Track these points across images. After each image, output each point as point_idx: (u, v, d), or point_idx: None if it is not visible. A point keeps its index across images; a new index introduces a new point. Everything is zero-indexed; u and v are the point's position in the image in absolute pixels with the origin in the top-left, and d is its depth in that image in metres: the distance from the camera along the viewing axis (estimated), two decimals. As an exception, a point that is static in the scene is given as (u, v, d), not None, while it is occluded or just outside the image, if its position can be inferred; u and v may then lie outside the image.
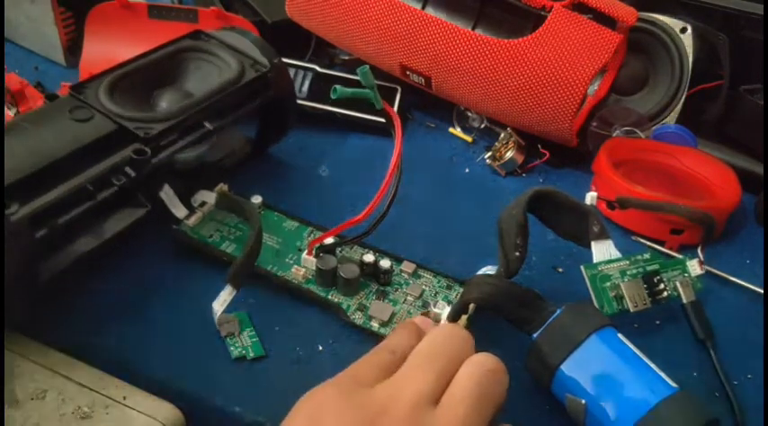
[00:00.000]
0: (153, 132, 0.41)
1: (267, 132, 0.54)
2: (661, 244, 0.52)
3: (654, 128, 0.60)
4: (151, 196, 0.43)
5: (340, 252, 0.46)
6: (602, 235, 0.44)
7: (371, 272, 0.45)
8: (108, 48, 0.61)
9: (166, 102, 0.45)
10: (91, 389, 0.37)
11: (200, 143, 0.45)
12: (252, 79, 0.47)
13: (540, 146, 0.59)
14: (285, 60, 0.51)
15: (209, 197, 0.47)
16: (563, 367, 0.36)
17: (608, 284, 0.43)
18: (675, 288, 0.43)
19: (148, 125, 0.42)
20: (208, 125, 0.44)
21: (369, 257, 0.44)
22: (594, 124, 0.58)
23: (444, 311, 0.41)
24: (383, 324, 0.42)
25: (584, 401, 0.35)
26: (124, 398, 0.37)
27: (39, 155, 0.38)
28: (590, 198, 0.48)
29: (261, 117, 0.53)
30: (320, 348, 0.41)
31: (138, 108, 0.44)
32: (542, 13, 0.54)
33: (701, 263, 0.45)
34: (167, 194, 0.44)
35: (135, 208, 0.42)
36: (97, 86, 0.43)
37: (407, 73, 0.59)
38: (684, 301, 0.43)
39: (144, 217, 0.43)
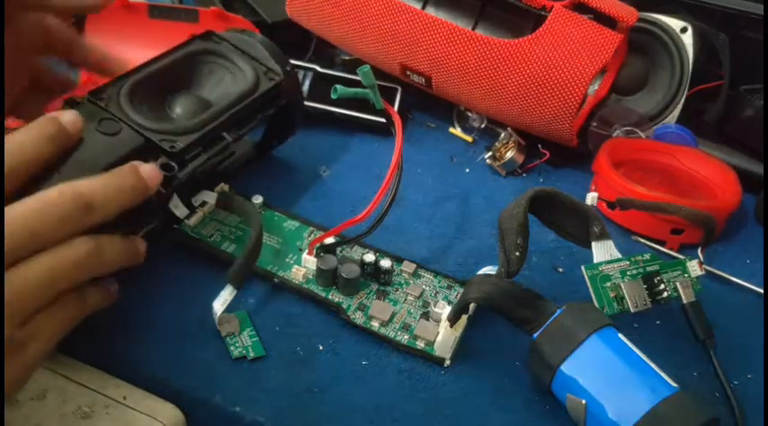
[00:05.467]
0: (179, 146, 0.41)
1: (273, 136, 0.54)
2: (661, 243, 0.52)
3: (654, 128, 0.60)
4: (163, 205, 0.42)
5: (340, 251, 0.46)
6: (602, 236, 0.44)
7: (372, 272, 0.45)
8: (108, 48, 0.61)
9: (182, 109, 0.44)
10: (91, 389, 0.37)
11: (220, 154, 0.45)
12: (268, 89, 0.47)
13: (540, 146, 0.59)
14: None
15: (209, 197, 0.47)
16: (563, 367, 0.37)
17: (608, 284, 0.43)
18: (675, 289, 0.43)
19: (172, 138, 0.41)
20: (227, 136, 0.44)
21: (369, 257, 0.44)
22: (595, 124, 0.58)
23: (445, 311, 0.41)
24: (383, 324, 0.42)
25: (584, 401, 0.35)
26: (124, 398, 0.37)
27: (71, 172, 0.36)
28: (591, 198, 0.48)
29: (268, 122, 0.53)
30: (320, 348, 0.41)
31: (156, 115, 0.43)
32: (542, 13, 0.54)
33: (701, 264, 0.45)
34: None
35: (149, 217, 0.41)
36: (116, 93, 0.41)
37: (407, 73, 0.59)
38: (684, 302, 0.43)
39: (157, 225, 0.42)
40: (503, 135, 0.59)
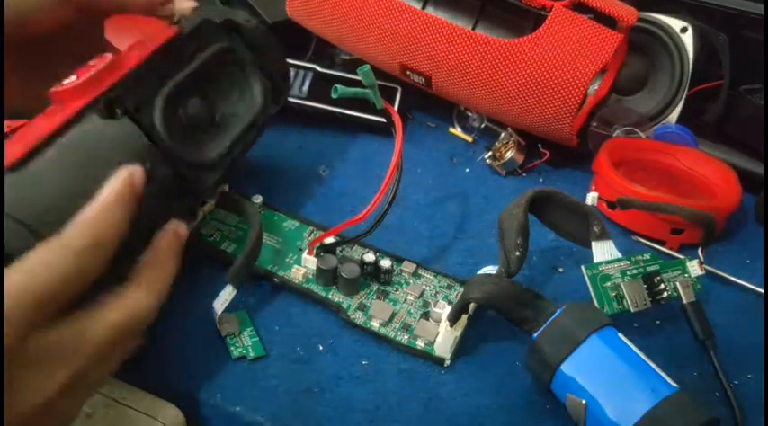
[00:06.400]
0: (205, 183, 0.39)
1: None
2: (661, 243, 0.52)
3: (654, 128, 0.60)
4: None
5: (340, 251, 0.46)
6: (602, 236, 0.44)
7: (372, 272, 0.45)
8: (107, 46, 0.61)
9: (191, 112, 0.41)
10: (91, 389, 0.37)
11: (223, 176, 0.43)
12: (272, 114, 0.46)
13: (540, 146, 0.59)
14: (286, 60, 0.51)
15: (209, 196, 0.47)
16: (563, 366, 0.37)
17: (608, 284, 0.43)
18: (675, 289, 0.43)
19: (198, 173, 0.39)
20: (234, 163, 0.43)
21: (369, 257, 0.44)
22: (595, 124, 0.58)
23: (445, 311, 0.41)
24: (384, 324, 0.42)
25: (584, 401, 0.35)
26: (124, 398, 0.37)
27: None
28: (591, 198, 0.48)
29: None
30: (320, 348, 0.41)
31: (173, 123, 0.39)
32: (542, 12, 0.54)
33: (701, 264, 0.45)
34: None
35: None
36: (151, 108, 0.37)
37: (407, 73, 0.59)
38: (684, 302, 0.43)
39: None
40: (503, 135, 0.59)
